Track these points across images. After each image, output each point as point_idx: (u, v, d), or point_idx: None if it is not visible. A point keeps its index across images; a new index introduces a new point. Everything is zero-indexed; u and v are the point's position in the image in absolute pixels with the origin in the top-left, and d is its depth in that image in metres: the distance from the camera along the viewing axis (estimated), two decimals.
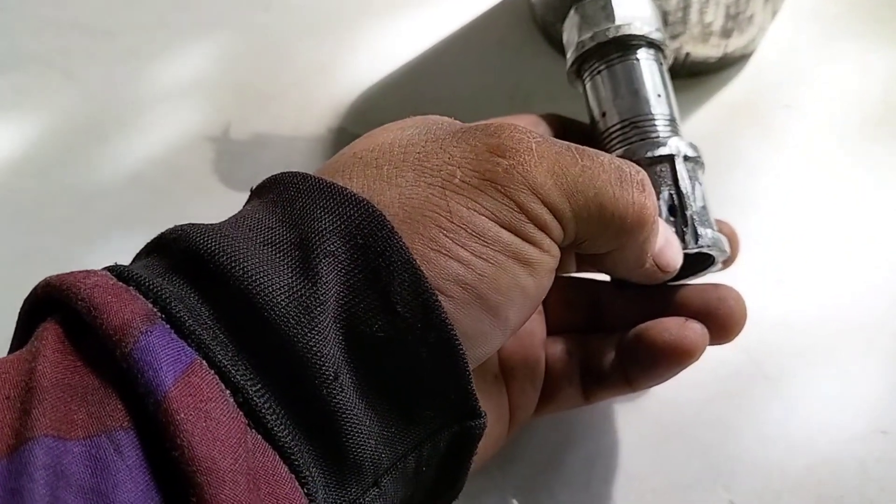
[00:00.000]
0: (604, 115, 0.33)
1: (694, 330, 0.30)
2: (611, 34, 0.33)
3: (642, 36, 0.33)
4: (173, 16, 0.55)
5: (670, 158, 0.31)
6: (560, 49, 0.49)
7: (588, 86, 0.34)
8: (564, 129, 0.35)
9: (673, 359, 0.30)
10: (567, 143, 0.26)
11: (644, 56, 0.33)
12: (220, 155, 0.47)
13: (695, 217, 0.31)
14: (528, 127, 0.33)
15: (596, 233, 0.26)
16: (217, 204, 0.45)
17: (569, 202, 0.25)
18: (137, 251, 0.25)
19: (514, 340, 0.33)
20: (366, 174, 0.25)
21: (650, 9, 0.34)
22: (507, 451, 0.36)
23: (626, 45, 0.33)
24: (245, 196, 0.27)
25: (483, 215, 0.24)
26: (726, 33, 0.44)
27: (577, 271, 0.36)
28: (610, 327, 0.33)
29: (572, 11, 0.35)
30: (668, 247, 0.30)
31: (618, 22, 0.33)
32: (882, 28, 0.48)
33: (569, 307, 0.35)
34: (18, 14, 0.56)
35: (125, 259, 0.25)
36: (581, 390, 0.33)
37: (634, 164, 0.28)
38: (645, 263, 0.29)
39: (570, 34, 0.35)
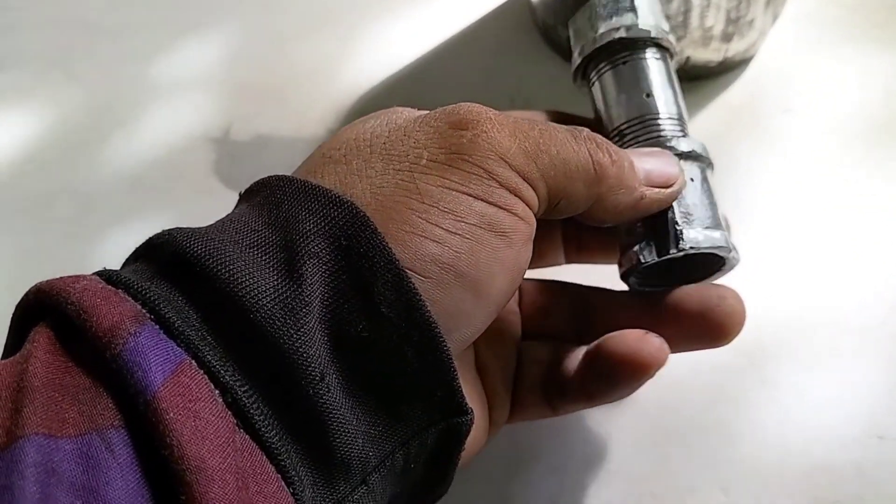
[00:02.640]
0: (610, 114, 0.33)
1: (651, 343, 0.29)
2: (619, 34, 0.33)
3: (651, 38, 0.33)
4: (175, 15, 0.55)
5: (687, 157, 0.31)
6: (560, 52, 0.49)
7: (595, 86, 0.34)
8: (567, 121, 0.34)
9: (627, 372, 0.29)
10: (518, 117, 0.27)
11: (651, 55, 0.33)
12: (221, 156, 0.47)
13: (677, 220, 0.30)
14: (528, 119, 0.33)
15: (567, 189, 0.27)
16: (217, 205, 0.45)
17: (535, 163, 0.26)
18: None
19: (487, 340, 0.32)
20: (336, 171, 0.25)
21: (657, 9, 0.34)
22: (506, 454, 0.36)
23: (634, 44, 0.33)
24: None
25: (453, 190, 0.24)
26: (727, 37, 0.44)
27: (567, 262, 0.36)
28: (602, 334, 0.32)
29: (580, 11, 0.34)
30: (656, 164, 0.29)
31: (628, 22, 0.33)
32: (883, 33, 0.48)
33: (546, 313, 0.34)
34: (20, 12, 0.56)
35: (124, 259, 0.25)
36: (546, 401, 0.33)
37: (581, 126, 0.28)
38: (642, 195, 0.29)
39: (578, 33, 0.35)
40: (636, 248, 0.30)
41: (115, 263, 0.43)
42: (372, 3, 0.53)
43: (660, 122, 0.32)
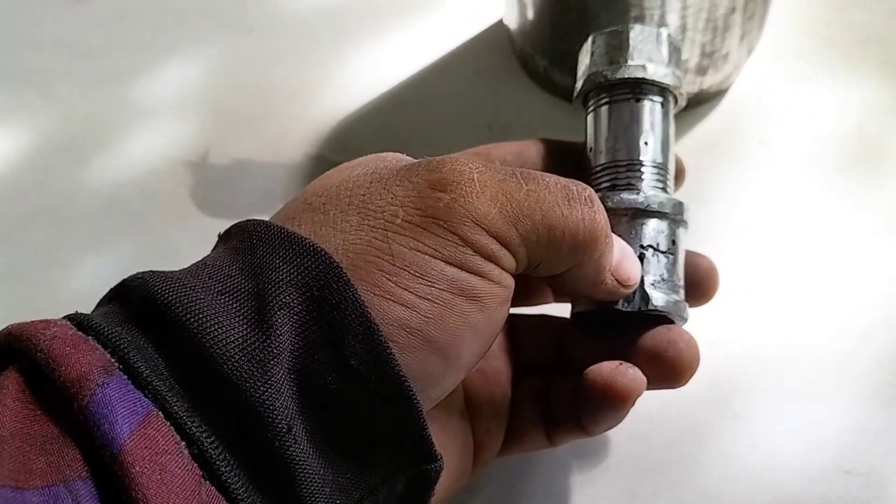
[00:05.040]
0: (595, 151, 0.33)
1: (624, 374, 0.29)
2: (619, 74, 0.32)
3: (652, 81, 0.32)
4: (154, 37, 0.55)
5: (644, 213, 0.31)
6: (538, 80, 0.49)
7: (589, 117, 0.34)
8: (561, 151, 0.34)
9: (607, 402, 0.29)
10: (513, 169, 0.26)
11: (649, 100, 0.33)
12: (198, 180, 0.47)
13: (654, 280, 0.31)
14: (517, 152, 0.33)
15: (549, 255, 0.26)
16: (193, 229, 0.46)
17: (515, 228, 0.25)
18: (111, 276, 0.25)
19: (480, 379, 0.33)
20: (313, 220, 0.25)
21: (666, 50, 0.33)
22: (473, 486, 0.36)
23: (634, 86, 0.32)
24: (221, 222, 0.27)
25: (426, 254, 0.24)
26: (702, 70, 0.44)
27: (556, 301, 0.36)
28: (575, 369, 0.32)
29: (589, 39, 0.34)
30: (625, 260, 0.29)
31: (630, 62, 0.32)
32: (856, 65, 0.49)
33: (538, 347, 0.35)
34: None
35: (99, 284, 0.25)
36: (544, 432, 0.33)
37: (582, 183, 0.27)
38: (605, 279, 0.29)
39: (582, 63, 0.34)
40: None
41: (90, 288, 0.43)
42: (351, 29, 0.54)
43: (641, 171, 0.32)
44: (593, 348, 0.32)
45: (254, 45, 0.54)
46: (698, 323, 0.33)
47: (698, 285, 0.34)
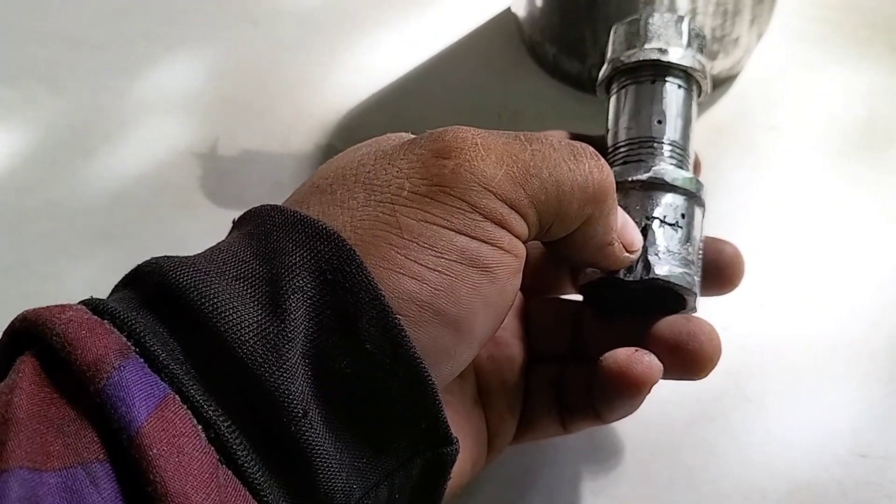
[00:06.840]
0: (613, 131, 0.33)
1: (640, 361, 0.29)
2: (635, 58, 0.33)
3: (668, 63, 0.33)
4: (161, 29, 0.55)
5: (651, 186, 0.31)
6: (547, 68, 0.49)
7: (611, 101, 0.34)
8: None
9: (622, 389, 0.29)
10: (515, 132, 0.26)
11: (669, 82, 0.33)
12: (207, 171, 0.47)
13: (659, 251, 0.30)
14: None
15: (559, 213, 0.26)
16: (203, 220, 0.45)
17: (523, 189, 0.25)
18: (121, 268, 0.25)
19: (492, 366, 0.33)
20: (321, 201, 0.25)
21: (685, 35, 0.33)
22: (488, 473, 0.36)
23: (652, 69, 0.33)
24: (231, 213, 0.27)
25: (434, 224, 0.24)
26: (712, 55, 0.44)
27: (577, 292, 0.36)
28: (590, 355, 0.32)
29: (627, 21, 0.35)
30: (627, 225, 0.29)
31: (646, 46, 0.33)
32: (866, 50, 0.48)
33: (553, 332, 0.34)
34: (3, 25, 0.56)
35: (108, 275, 0.25)
36: (559, 419, 0.33)
37: (584, 143, 0.27)
38: (612, 240, 0.28)
39: (616, 42, 0.35)
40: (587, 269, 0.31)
41: (100, 280, 0.42)
42: (359, 18, 0.53)
43: (657, 148, 0.32)
44: (609, 334, 0.32)
45: (260, 36, 0.54)
46: (712, 309, 0.33)
47: (723, 272, 0.33)
